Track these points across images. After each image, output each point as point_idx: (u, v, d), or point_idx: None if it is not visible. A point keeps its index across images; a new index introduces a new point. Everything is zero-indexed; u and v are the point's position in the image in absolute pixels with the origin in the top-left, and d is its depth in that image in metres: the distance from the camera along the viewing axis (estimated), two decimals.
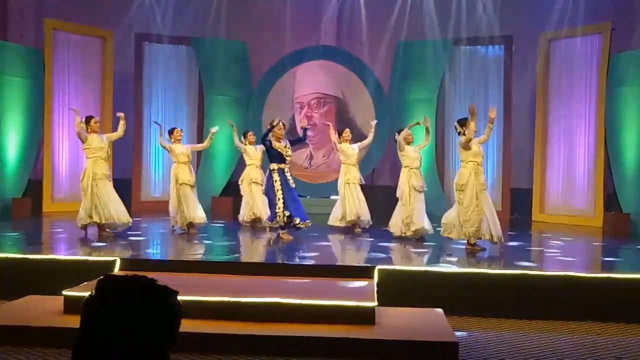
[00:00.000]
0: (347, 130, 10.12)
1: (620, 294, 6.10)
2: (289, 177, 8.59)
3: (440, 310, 5.66)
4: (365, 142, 10.14)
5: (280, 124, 8.61)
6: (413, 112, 13.01)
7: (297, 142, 9.28)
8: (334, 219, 9.90)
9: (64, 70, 12.61)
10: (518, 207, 12.61)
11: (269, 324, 5.07)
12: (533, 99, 12.67)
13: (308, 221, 8.52)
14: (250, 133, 10.44)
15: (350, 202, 9.74)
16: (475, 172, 7.66)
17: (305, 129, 9.30)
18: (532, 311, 6.02)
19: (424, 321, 5.41)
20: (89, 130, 8.53)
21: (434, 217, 9.50)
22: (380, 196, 11.39)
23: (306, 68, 13.77)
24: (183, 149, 9.42)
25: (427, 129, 9.09)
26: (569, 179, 12.07)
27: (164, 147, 9.62)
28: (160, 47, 13.47)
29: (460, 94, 13.14)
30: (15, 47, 12.25)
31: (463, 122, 7.86)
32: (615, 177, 11.31)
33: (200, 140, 12.61)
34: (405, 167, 8.88)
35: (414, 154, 8.96)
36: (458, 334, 5.20)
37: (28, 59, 12.12)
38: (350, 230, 9.77)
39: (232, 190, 12.71)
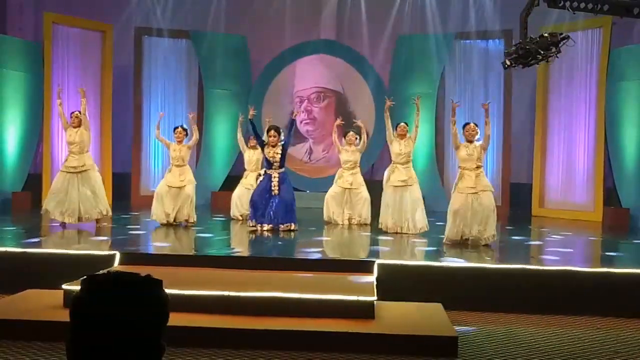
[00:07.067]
0: (350, 133, 10.07)
1: (620, 289, 6.11)
2: (275, 182, 8.75)
3: (439, 304, 5.67)
4: (361, 144, 10.03)
5: (273, 131, 8.80)
6: (413, 106, 12.96)
7: (287, 131, 9.20)
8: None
9: (63, 64, 12.57)
10: (518, 201, 12.61)
11: (269, 318, 5.07)
12: (533, 93, 12.65)
13: (271, 225, 8.71)
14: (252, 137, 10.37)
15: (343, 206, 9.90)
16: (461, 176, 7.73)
17: (292, 120, 9.27)
18: (531, 305, 6.03)
19: (423, 315, 5.42)
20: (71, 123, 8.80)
21: (434, 213, 9.53)
22: (379, 191, 11.40)
23: (306, 62, 13.74)
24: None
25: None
26: (568, 174, 12.06)
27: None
28: (160, 40, 13.45)
29: (460, 89, 13.12)
30: (15, 40, 12.21)
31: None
32: (615, 171, 11.31)
33: (201, 135, 12.68)
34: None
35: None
36: (457, 328, 5.21)
37: (27, 53, 12.08)
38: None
39: (231, 185, 12.70)
